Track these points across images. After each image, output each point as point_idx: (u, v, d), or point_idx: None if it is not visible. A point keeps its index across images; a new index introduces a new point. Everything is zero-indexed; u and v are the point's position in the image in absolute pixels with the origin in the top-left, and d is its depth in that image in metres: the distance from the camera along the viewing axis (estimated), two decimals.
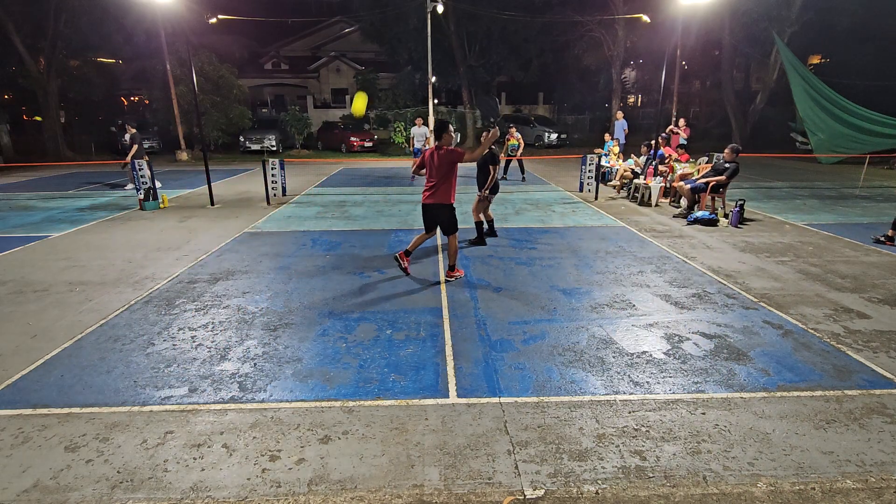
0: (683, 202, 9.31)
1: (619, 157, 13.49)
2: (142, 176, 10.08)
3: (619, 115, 16.46)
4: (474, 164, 6.90)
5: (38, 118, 22.93)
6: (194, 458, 2.84)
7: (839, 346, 4.14)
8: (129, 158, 11.68)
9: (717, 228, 8.21)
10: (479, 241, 7.21)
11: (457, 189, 5.64)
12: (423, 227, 5.81)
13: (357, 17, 27.25)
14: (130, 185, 12.40)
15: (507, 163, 14.20)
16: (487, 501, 2.52)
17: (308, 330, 4.47)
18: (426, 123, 14.49)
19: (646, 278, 5.77)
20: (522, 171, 14.26)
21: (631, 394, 3.45)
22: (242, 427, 3.12)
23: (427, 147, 14.90)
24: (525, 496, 2.55)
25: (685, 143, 12.26)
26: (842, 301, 5.08)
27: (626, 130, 15.96)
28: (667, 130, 13.34)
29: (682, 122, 14.32)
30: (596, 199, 10.86)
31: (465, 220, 7.83)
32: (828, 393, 3.46)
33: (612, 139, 14.34)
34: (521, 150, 13.62)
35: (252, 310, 4.93)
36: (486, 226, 7.45)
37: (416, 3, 21.70)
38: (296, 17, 29.98)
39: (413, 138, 14.51)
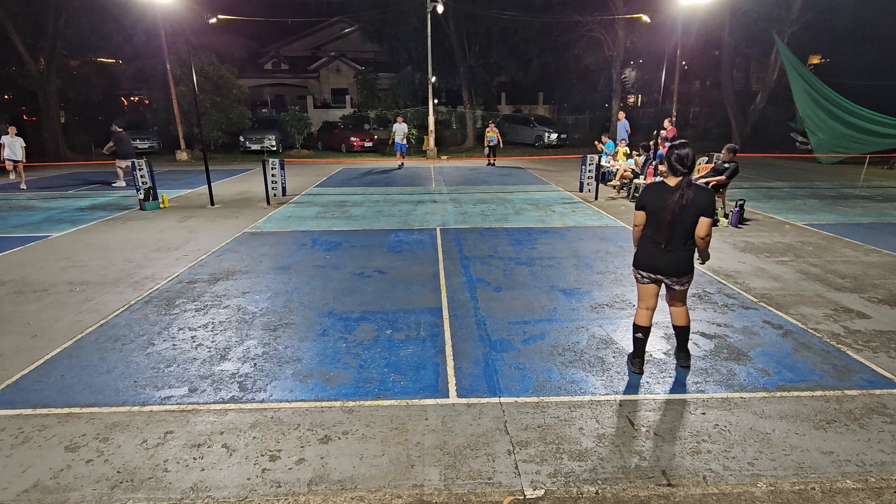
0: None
1: (630, 156, 13.18)
2: (142, 176, 10.10)
3: (622, 115, 16.42)
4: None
5: (34, 118, 22.96)
6: (194, 458, 2.84)
7: (839, 346, 4.14)
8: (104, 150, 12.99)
9: (717, 228, 8.21)
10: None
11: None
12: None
13: (357, 17, 27.28)
14: (118, 182, 13.00)
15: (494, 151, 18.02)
16: (487, 501, 2.52)
17: (308, 330, 4.47)
18: (406, 121, 17.85)
19: None
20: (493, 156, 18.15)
21: (631, 394, 3.45)
22: (242, 427, 3.12)
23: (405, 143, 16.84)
24: (525, 496, 2.55)
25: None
26: (842, 301, 5.08)
27: (629, 131, 15.88)
28: (658, 139, 13.02)
29: (666, 122, 14.00)
30: (596, 199, 10.86)
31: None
32: (828, 393, 3.46)
33: (618, 140, 14.24)
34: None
35: (252, 310, 4.93)
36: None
37: (416, 3, 21.71)
38: (296, 17, 29.97)
39: (394, 134, 16.95)
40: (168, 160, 20.04)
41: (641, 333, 3.69)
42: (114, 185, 12.99)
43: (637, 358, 3.78)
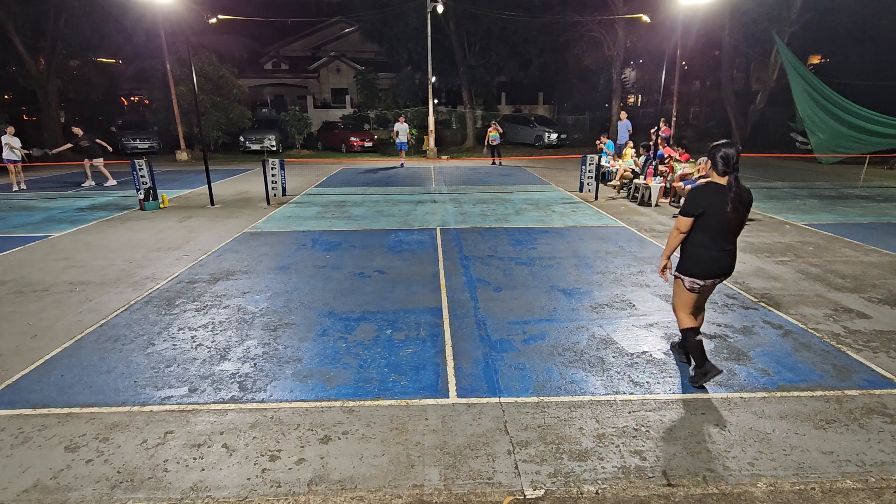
0: (683, 202, 9.28)
1: (633, 157, 13.09)
2: (142, 176, 10.11)
3: (623, 115, 16.39)
4: None
5: (34, 118, 22.99)
6: (194, 458, 2.84)
7: (839, 346, 4.14)
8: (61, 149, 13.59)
9: None
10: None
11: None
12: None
13: (357, 17, 27.26)
14: (87, 183, 13.20)
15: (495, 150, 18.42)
16: (487, 501, 2.52)
17: (308, 330, 4.47)
18: (406, 121, 18.35)
19: (646, 278, 5.77)
20: (499, 156, 18.62)
21: (631, 394, 3.45)
22: (242, 427, 3.12)
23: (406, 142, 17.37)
24: (525, 496, 2.55)
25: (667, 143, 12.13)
26: (842, 301, 5.08)
27: (631, 131, 15.83)
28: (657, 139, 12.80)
29: (661, 122, 13.98)
30: (596, 199, 10.86)
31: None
32: (828, 393, 3.46)
33: (620, 140, 14.19)
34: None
35: (252, 310, 4.92)
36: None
37: (416, 3, 21.70)
38: (296, 17, 29.95)
39: (396, 133, 17.28)
40: (168, 160, 20.04)
41: (700, 335, 3.53)
42: (105, 185, 13.06)
43: (706, 360, 3.44)
